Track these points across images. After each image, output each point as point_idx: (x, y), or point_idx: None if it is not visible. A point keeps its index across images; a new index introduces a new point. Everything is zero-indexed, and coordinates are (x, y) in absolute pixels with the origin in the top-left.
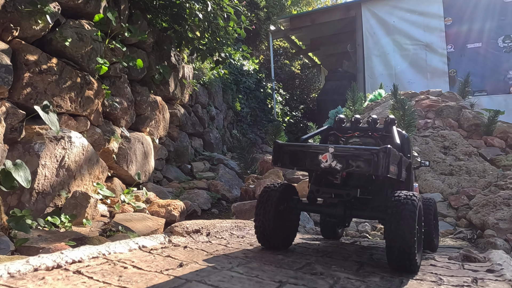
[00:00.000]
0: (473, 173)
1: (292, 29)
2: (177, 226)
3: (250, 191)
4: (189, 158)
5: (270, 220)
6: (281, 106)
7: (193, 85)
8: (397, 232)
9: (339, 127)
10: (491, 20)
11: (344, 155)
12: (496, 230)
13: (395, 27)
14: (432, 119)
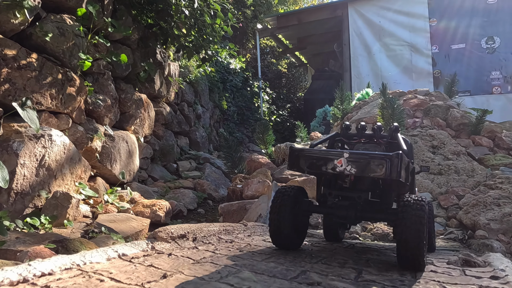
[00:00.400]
0: (461, 173)
1: (279, 28)
2: (161, 231)
3: (237, 191)
4: (175, 157)
5: (285, 223)
6: (268, 105)
7: (179, 83)
8: (408, 234)
9: (345, 133)
10: (475, 21)
11: (358, 160)
12: (488, 230)
13: (381, 28)
14: (420, 118)
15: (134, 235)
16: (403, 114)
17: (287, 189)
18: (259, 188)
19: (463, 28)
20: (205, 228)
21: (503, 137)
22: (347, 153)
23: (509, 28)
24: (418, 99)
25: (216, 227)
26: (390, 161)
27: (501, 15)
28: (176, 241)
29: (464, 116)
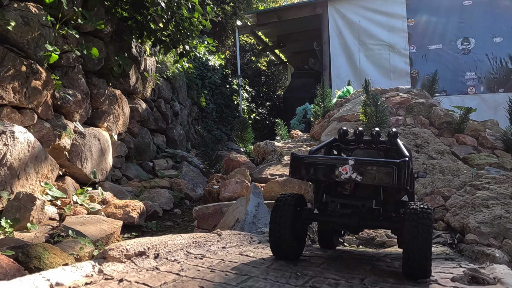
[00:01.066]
0: (446, 172)
1: (259, 25)
2: (113, 249)
3: (214, 192)
4: (151, 156)
5: (286, 234)
6: (247, 103)
7: (155, 78)
8: (416, 243)
9: (343, 139)
10: (451, 22)
11: (364, 167)
12: (478, 234)
13: (360, 27)
14: (403, 116)
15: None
16: (387, 112)
17: (287, 198)
18: (237, 189)
19: (440, 28)
20: (170, 242)
21: (487, 135)
22: (352, 160)
23: (484, 29)
24: (400, 96)
25: (184, 239)
26: (397, 168)
27: (476, 16)
28: (133, 260)
29: (447, 114)
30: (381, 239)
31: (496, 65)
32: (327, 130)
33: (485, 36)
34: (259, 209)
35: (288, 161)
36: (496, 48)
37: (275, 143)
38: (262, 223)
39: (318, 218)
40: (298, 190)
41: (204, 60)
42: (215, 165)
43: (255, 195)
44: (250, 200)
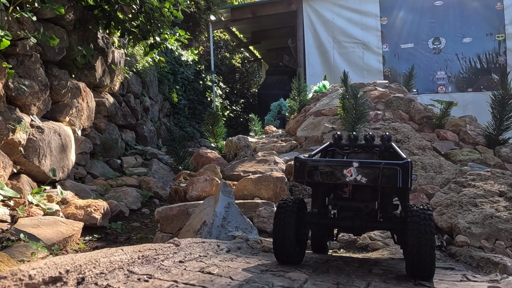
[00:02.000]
0: (429, 169)
1: (233, 21)
2: (7, 276)
3: (180, 191)
4: (119, 152)
5: (290, 240)
6: (221, 99)
7: (124, 72)
8: (421, 244)
9: (338, 143)
10: (423, 22)
11: (369, 169)
12: (469, 235)
13: (335, 24)
14: (382, 110)
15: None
16: (366, 105)
17: (289, 203)
18: (206, 188)
19: (412, 28)
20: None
21: (468, 131)
22: (356, 162)
23: (454, 29)
24: (378, 91)
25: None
26: (402, 169)
27: (447, 17)
28: None
29: (427, 109)
30: (363, 241)
31: (465, 65)
32: (304, 125)
33: (455, 36)
34: (230, 210)
35: (262, 157)
36: (466, 48)
37: (249, 138)
38: (233, 226)
39: (320, 221)
40: (273, 188)
41: (176, 54)
42: (183, 162)
43: (225, 194)
44: (219, 200)
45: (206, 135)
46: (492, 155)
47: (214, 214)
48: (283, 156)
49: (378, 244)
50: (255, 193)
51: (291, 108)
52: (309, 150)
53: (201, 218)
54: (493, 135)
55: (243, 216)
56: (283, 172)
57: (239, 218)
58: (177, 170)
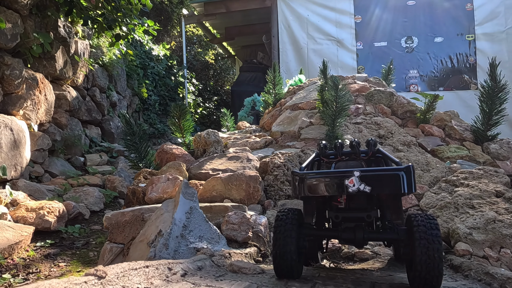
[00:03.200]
0: (416, 167)
1: (206, 15)
2: None
3: (139, 192)
4: (83, 150)
5: (292, 256)
6: (194, 96)
7: (88, 64)
8: (428, 256)
9: (323, 152)
10: (396, 21)
11: (371, 177)
12: (471, 243)
13: (309, 21)
14: (363, 104)
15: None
16: (348, 98)
17: (289, 215)
18: (168, 188)
19: (385, 26)
20: None
21: (455, 126)
22: (357, 171)
23: (425, 29)
24: (358, 84)
25: None
26: (406, 174)
27: (419, 16)
28: None
29: (410, 103)
30: (349, 250)
31: (437, 64)
32: (279, 120)
33: (427, 35)
34: (192, 216)
35: (234, 153)
36: (437, 47)
37: (219, 133)
38: (196, 235)
39: (319, 233)
40: (246, 188)
41: (147, 48)
42: (144, 159)
43: (186, 196)
44: (179, 204)
45: (173, 129)
46: (481, 152)
47: (172, 222)
48: (257, 152)
49: (366, 253)
50: (225, 194)
51: (265, 102)
52: (285, 146)
53: (156, 226)
54: (481, 131)
55: (209, 223)
56: (256, 170)
57: (204, 226)
58: (138, 168)
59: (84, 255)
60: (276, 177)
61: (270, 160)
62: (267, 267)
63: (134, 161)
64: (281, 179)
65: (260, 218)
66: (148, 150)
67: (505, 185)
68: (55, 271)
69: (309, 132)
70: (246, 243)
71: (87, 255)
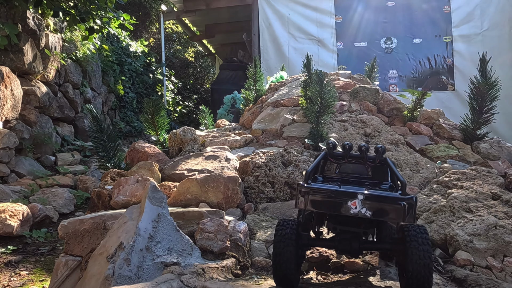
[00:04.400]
0: (404, 167)
1: (186, 12)
2: None
3: (105, 195)
4: (54, 148)
5: (291, 267)
6: (173, 94)
7: (60, 58)
8: (422, 264)
9: (332, 152)
10: (376, 21)
11: (374, 202)
12: (472, 251)
13: (290, 20)
14: (348, 101)
15: None
16: (332, 94)
17: (287, 228)
18: (137, 191)
19: (365, 27)
20: None
21: (443, 124)
22: (362, 195)
23: (405, 30)
24: (342, 81)
25: None
26: (407, 205)
27: (398, 17)
28: None
29: (397, 100)
30: (338, 259)
31: (415, 65)
32: (260, 117)
33: (406, 36)
34: (160, 225)
35: (212, 152)
36: (416, 48)
37: (196, 131)
38: (164, 247)
39: (319, 243)
40: (224, 191)
41: (124, 44)
42: (112, 158)
43: (154, 202)
44: (145, 211)
45: (146, 126)
46: (471, 151)
47: (136, 232)
48: (236, 151)
49: (357, 263)
50: (201, 197)
51: (246, 99)
52: (267, 145)
53: (118, 237)
54: (470, 129)
55: (180, 232)
56: (236, 171)
57: (174, 236)
58: (106, 168)
59: (50, 262)
60: (257, 178)
61: (251, 159)
62: (247, 284)
63: (102, 161)
64: (263, 180)
65: (240, 225)
66: (118, 148)
67: (500, 186)
68: (15, 280)
69: (292, 130)
70: (223, 254)
71: (53, 262)
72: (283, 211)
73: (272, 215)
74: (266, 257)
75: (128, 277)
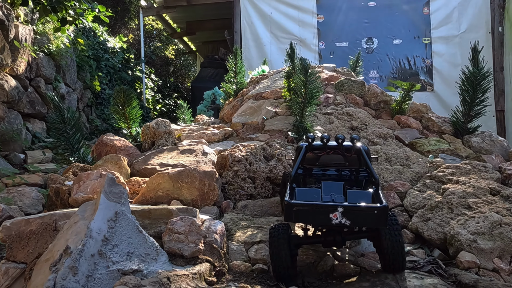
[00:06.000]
0: (394, 161)
1: (166, 8)
2: None
3: (64, 191)
4: (23, 146)
5: (289, 264)
6: (153, 92)
7: (30, 50)
8: (395, 245)
9: (310, 146)
10: (357, 22)
11: (352, 213)
12: (477, 252)
13: (272, 19)
14: (333, 94)
15: None
16: (317, 85)
17: (280, 230)
18: (99, 187)
19: (346, 27)
20: None
21: (433, 117)
22: (341, 207)
23: (385, 31)
24: (327, 73)
25: None
26: (380, 213)
27: (379, 18)
28: None
29: (384, 93)
30: (325, 263)
31: (395, 65)
32: (240, 110)
33: (386, 37)
34: (118, 225)
35: (188, 146)
36: (396, 49)
37: (172, 125)
38: (122, 252)
39: (308, 241)
40: (199, 187)
41: (101, 40)
42: (78, 151)
43: (111, 197)
44: (99, 208)
45: (116, 118)
46: (462, 145)
47: (86, 234)
48: (215, 145)
49: (347, 267)
50: (173, 193)
51: (226, 93)
52: (248, 139)
53: (66, 240)
54: (461, 122)
55: (143, 233)
56: (213, 166)
57: (136, 238)
58: (69, 163)
59: None
60: (237, 173)
61: (230, 153)
62: None
63: (65, 155)
64: (242, 176)
65: (215, 224)
66: (83, 141)
67: (497, 181)
68: None
69: (274, 123)
70: (196, 258)
71: None
72: (264, 209)
73: (252, 213)
74: (245, 261)
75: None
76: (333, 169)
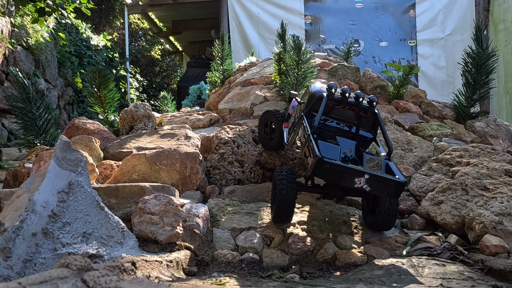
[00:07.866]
0: (395, 146)
1: (152, 6)
2: None
3: (22, 174)
4: None
5: (293, 202)
6: (138, 92)
7: (7, 43)
8: (392, 205)
9: (331, 96)
10: (344, 23)
11: (374, 182)
12: (504, 235)
13: (260, 19)
14: (326, 80)
15: None
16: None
17: (286, 172)
18: None
19: (333, 29)
20: None
21: (433, 102)
22: (367, 175)
23: (371, 33)
24: (319, 60)
25: None
26: (398, 186)
27: (366, 20)
28: None
29: (380, 77)
30: (326, 251)
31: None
32: (227, 97)
33: (373, 39)
34: (73, 199)
35: (169, 130)
36: (382, 51)
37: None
38: (77, 231)
39: (308, 189)
40: (180, 169)
41: (84, 37)
42: (44, 134)
43: (63, 165)
44: (47, 176)
45: (90, 101)
46: (465, 130)
47: (27, 207)
48: (199, 131)
49: (354, 255)
50: (150, 177)
51: (212, 83)
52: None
53: (4, 218)
54: (463, 106)
55: (105, 210)
56: (197, 149)
57: (96, 216)
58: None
59: None
60: (223, 156)
61: (216, 135)
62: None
63: (29, 137)
64: (229, 159)
65: (197, 207)
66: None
67: (510, 163)
68: None
69: (263, 109)
70: (173, 245)
71: None
72: (254, 194)
73: (240, 199)
74: (232, 250)
75: (4, 277)
76: (344, 125)
